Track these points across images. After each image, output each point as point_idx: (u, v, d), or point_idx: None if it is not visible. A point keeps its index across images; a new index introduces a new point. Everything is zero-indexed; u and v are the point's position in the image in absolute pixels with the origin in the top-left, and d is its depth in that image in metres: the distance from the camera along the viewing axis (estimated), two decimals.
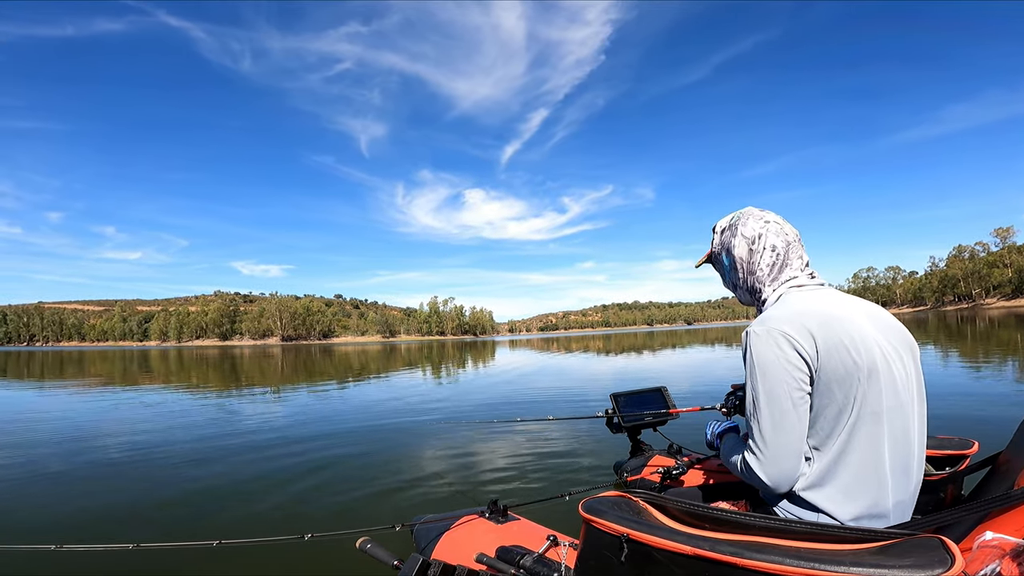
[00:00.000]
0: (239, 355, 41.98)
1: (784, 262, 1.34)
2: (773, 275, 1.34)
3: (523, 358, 24.02)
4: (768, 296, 1.35)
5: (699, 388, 9.70)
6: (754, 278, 1.37)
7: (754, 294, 1.39)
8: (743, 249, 1.38)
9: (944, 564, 0.79)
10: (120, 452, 5.80)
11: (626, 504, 1.13)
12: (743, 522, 1.06)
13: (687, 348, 24.84)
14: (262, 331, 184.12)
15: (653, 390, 2.53)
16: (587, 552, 1.08)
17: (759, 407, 1.20)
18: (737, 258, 1.39)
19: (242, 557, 2.71)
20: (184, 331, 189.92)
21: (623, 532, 0.99)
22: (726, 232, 1.44)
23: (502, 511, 1.71)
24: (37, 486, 4.55)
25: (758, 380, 1.20)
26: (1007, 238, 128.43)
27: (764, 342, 1.20)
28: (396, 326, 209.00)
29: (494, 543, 1.53)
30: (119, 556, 2.63)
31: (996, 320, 35.76)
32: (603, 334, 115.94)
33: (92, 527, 3.52)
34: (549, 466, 4.24)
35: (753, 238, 1.36)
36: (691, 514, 1.13)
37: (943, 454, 1.58)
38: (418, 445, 5.52)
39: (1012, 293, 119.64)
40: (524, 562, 1.41)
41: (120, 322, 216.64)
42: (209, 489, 4.24)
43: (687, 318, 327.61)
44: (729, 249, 1.41)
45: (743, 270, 1.39)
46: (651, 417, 2.41)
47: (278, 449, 5.63)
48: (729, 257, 1.42)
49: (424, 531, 1.69)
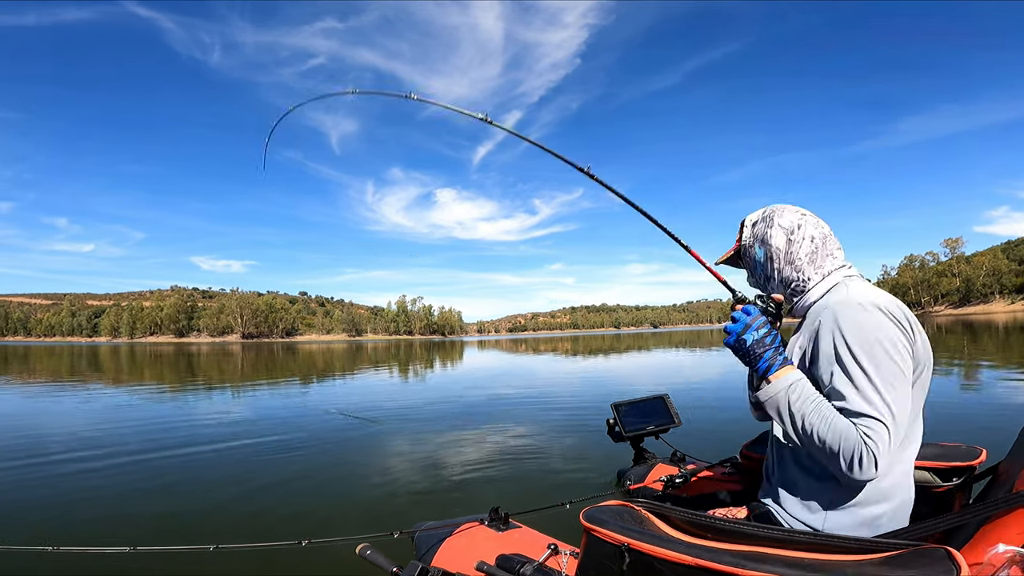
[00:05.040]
0: (196, 352, 40.51)
1: (824, 252, 1.34)
2: (815, 264, 1.33)
3: (505, 359, 23.96)
4: (813, 282, 1.32)
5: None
6: (792, 267, 1.34)
7: (790, 284, 1.36)
8: (781, 239, 1.35)
9: (950, 574, 0.79)
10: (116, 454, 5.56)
11: (628, 513, 1.13)
12: (746, 532, 1.06)
13: (653, 351, 25.27)
14: (221, 328, 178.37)
15: (655, 398, 2.52)
16: (588, 561, 1.08)
17: (877, 383, 1.10)
18: (774, 248, 1.36)
19: (240, 562, 2.65)
20: (137, 327, 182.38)
21: (624, 542, 0.99)
22: (759, 224, 1.41)
23: (503, 519, 1.70)
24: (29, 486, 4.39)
25: (875, 353, 1.12)
26: (956, 248, 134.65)
27: (873, 315, 1.15)
28: (363, 325, 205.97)
29: (494, 551, 1.52)
30: (116, 559, 2.54)
31: (944, 327, 37.43)
32: (571, 336, 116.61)
33: (89, 529, 3.43)
34: (550, 473, 4.22)
35: (792, 228, 1.34)
36: (693, 523, 1.12)
37: (948, 465, 1.55)
38: (414, 451, 5.43)
39: (959, 302, 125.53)
40: (524, 571, 1.40)
41: (68, 316, 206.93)
42: (206, 493, 4.13)
43: (653, 321, 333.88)
44: (765, 240, 1.38)
45: (780, 260, 1.36)
46: (654, 426, 2.41)
47: (273, 452, 5.48)
48: (764, 248, 1.38)
49: (424, 538, 1.68)
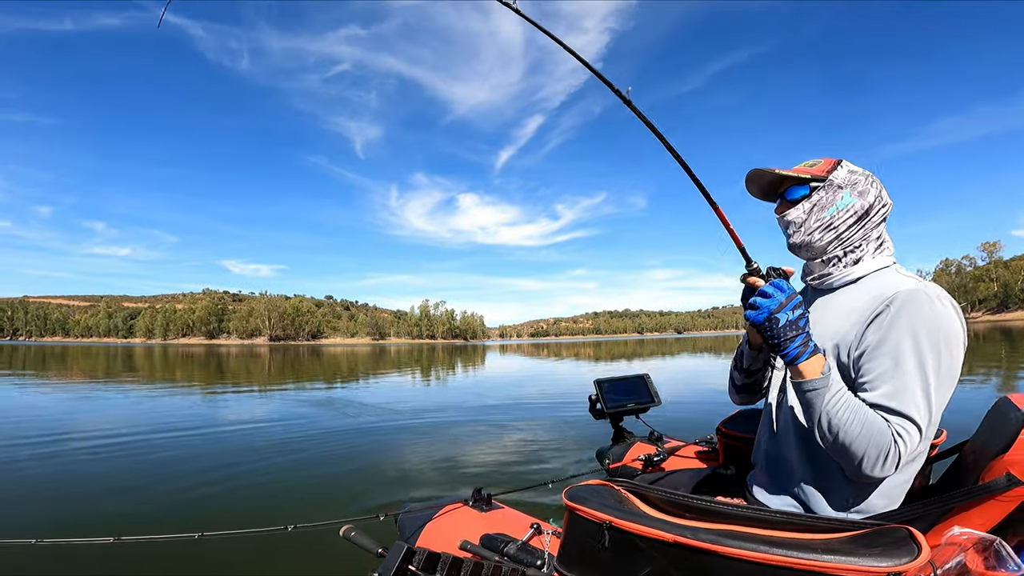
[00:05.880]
0: (225, 354, 41.55)
1: (888, 238, 1.30)
2: (876, 243, 1.28)
3: (515, 363, 24.00)
4: (867, 260, 1.26)
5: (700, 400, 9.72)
6: (862, 232, 1.26)
7: (846, 247, 1.27)
8: (875, 201, 1.27)
9: (911, 554, 0.82)
10: (101, 447, 5.73)
11: (608, 492, 1.16)
12: (721, 512, 1.10)
13: (677, 356, 24.96)
14: (250, 330, 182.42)
15: (636, 377, 2.53)
16: (570, 539, 1.10)
17: (931, 384, 1.07)
18: (863, 204, 1.26)
19: (226, 549, 2.69)
20: (170, 329, 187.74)
21: (605, 520, 1.02)
22: (859, 176, 1.29)
23: (486, 500, 1.71)
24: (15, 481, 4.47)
25: (942, 351, 1.08)
26: (993, 252, 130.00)
27: (949, 311, 1.10)
28: (386, 328, 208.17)
29: (478, 531, 1.54)
30: (100, 549, 2.59)
31: (981, 334, 36.17)
32: (594, 341, 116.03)
33: (71, 521, 3.47)
34: (533, 456, 4.25)
35: (888, 204, 1.29)
36: (671, 503, 1.15)
37: None
38: (402, 440, 5.52)
39: (997, 307, 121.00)
40: (508, 549, 1.42)
41: (105, 318, 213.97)
42: (193, 483, 4.20)
43: (677, 327, 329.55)
44: (863, 191, 1.27)
45: (860, 218, 1.26)
46: (634, 404, 2.41)
47: (263, 444, 5.60)
48: (857, 197, 1.27)
49: (409, 520, 1.69)
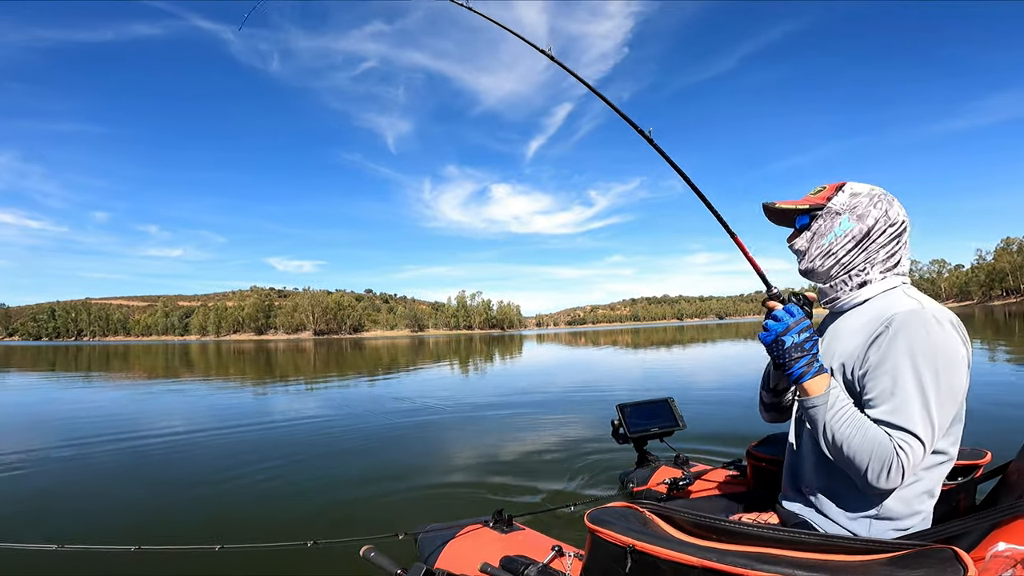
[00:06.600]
0: (273, 349, 43.05)
1: (898, 256, 1.25)
2: (886, 264, 1.24)
3: (550, 352, 23.98)
4: (874, 282, 1.23)
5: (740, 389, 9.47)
6: (866, 256, 1.24)
7: (850, 271, 1.25)
8: (877, 224, 1.24)
9: (957, 574, 0.78)
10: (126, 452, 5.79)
11: (632, 515, 1.12)
12: (751, 533, 1.03)
13: (718, 343, 24.39)
14: (295, 325, 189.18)
15: (660, 401, 2.52)
16: (592, 563, 1.07)
17: (931, 401, 1.06)
18: (864, 228, 1.24)
19: (245, 562, 2.67)
20: (222, 326, 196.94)
21: (629, 543, 0.98)
22: (862, 197, 1.26)
23: (507, 521, 1.70)
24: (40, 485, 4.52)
25: (939, 369, 1.07)
26: None
27: (947, 331, 1.09)
28: (424, 320, 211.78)
29: (498, 553, 1.52)
30: (121, 557, 2.61)
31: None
32: (632, 328, 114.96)
33: (93, 528, 3.51)
34: (555, 476, 4.16)
35: (896, 223, 1.24)
36: (698, 525, 1.10)
37: (955, 464, 1.51)
38: (423, 450, 5.50)
39: None
40: (528, 572, 1.40)
41: (163, 317, 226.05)
42: (213, 492, 4.21)
43: (719, 312, 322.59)
44: (862, 215, 1.24)
45: (861, 242, 1.24)
46: (657, 428, 2.40)
47: (285, 452, 5.58)
48: (855, 222, 1.24)
49: (428, 540, 1.69)
